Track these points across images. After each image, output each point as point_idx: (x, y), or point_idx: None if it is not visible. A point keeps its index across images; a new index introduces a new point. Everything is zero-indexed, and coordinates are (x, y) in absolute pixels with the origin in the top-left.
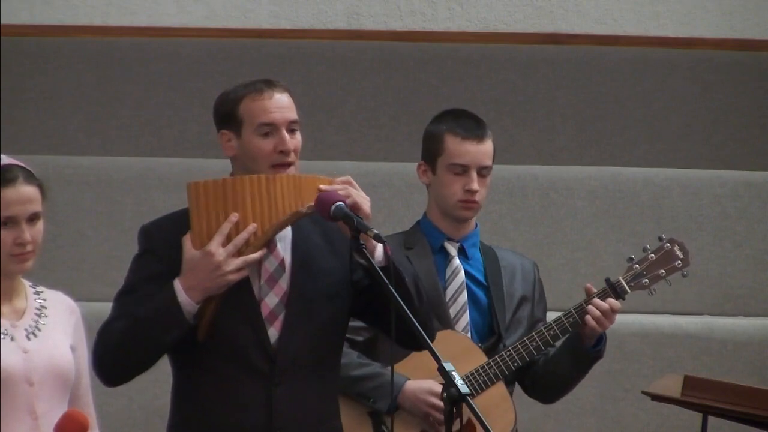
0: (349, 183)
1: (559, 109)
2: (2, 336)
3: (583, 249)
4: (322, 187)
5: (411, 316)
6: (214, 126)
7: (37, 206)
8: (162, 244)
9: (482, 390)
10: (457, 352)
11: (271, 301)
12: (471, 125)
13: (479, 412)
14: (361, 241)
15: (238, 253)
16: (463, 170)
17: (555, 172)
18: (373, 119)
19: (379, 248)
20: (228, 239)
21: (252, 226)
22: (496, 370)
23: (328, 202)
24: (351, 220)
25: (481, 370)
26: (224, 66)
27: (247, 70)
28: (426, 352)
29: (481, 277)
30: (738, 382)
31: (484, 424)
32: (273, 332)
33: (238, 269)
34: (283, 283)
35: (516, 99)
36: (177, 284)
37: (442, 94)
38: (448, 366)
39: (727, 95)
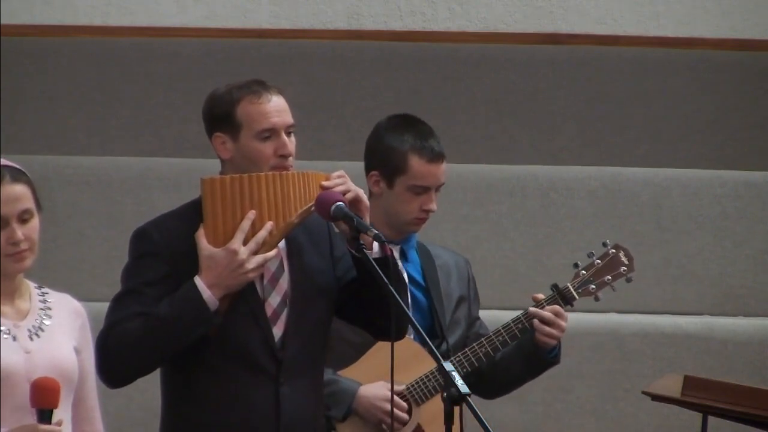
0: (344, 176)
1: (559, 109)
2: (4, 336)
3: (583, 249)
4: (325, 183)
5: (407, 310)
6: None
7: (26, 203)
8: (164, 245)
9: (431, 396)
10: (407, 357)
11: (274, 300)
12: (434, 145)
13: (478, 412)
14: (361, 241)
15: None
16: (424, 190)
17: (555, 172)
18: (373, 119)
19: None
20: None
21: (269, 224)
22: None
23: (328, 203)
24: (351, 219)
25: (431, 376)
26: (224, 66)
27: (247, 70)
28: (372, 357)
29: (419, 278)
30: (738, 382)
31: (484, 424)
32: (276, 332)
33: (258, 267)
34: (284, 282)
35: (516, 99)
36: (199, 282)
37: (442, 94)
38: (447, 366)
39: (727, 95)
